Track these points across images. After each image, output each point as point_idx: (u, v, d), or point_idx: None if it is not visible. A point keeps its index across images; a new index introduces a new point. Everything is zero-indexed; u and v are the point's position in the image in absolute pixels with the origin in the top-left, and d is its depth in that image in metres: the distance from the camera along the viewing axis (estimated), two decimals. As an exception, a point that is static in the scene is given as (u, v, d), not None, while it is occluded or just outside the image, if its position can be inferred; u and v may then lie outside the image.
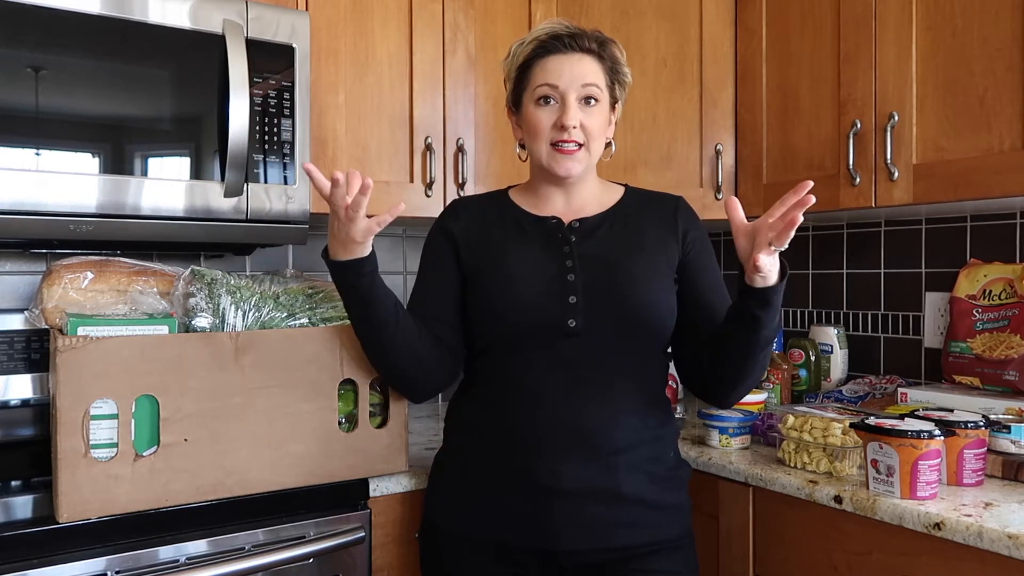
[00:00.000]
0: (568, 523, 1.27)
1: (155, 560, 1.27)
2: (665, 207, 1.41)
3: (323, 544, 1.38)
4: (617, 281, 1.31)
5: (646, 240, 1.36)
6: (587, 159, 1.35)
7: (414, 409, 2.16)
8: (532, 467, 1.27)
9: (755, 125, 1.97)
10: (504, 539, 1.30)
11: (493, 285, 1.34)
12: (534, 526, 1.28)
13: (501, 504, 1.30)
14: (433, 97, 1.89)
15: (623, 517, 1.28)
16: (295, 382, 1.39)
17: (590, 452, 1.27)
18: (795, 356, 2.09)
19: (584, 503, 1.27)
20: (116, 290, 1.37)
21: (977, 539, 1.17)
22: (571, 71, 1.32)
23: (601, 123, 1.35)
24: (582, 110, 1.32)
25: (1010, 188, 1.48)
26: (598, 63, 1.34)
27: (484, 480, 1.32)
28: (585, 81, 1.32)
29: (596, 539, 1.27)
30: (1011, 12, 1.49)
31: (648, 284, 1.31)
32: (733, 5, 2.01)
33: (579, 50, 1.33)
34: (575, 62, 1.32)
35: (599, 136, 1.35)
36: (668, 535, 1.31)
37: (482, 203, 1.46)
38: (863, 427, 1.34)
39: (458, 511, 1.35)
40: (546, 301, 1.30)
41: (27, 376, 1.64)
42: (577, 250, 1.34)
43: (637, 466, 1.29)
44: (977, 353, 1.72)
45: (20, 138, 1.36)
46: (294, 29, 1.59)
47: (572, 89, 1.31)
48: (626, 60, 1.39)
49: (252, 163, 1.55)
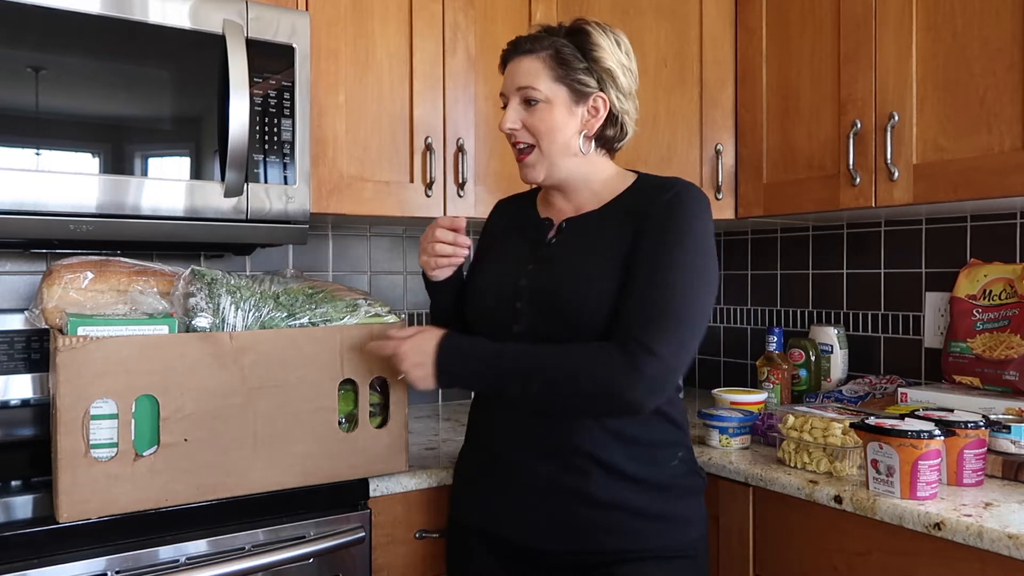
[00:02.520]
0: (542, 522, 1.28)
1: (155, 560, 1.27)
2: (653, 194, 1.28)
3: (323, 544, 1.38)
4: (560, 286, 1.27)
5: (611, 238, 1.28)
6: (542, 159, 1.32)
7: (414, 409, 2.16)
8: (508, 465, 1.31)
9: (755, 125, 1.97)
10: (501, 534, 1.33)
11: (469, 284, 1.45)
12: (517, 523, 1.30)
13: (493, 501, 1.34)
14: (433, 97, 1.89)
15: (600, 521, 1.25)
16: (295, 382, 1.39)
17: (556, 454, 1.27)
18: (795, 356, 2.09)
19: (557, 503, 1.27)
20: (116, 290, 1.37)
21: (977, 539, 1.17)
22: (511, 76, 1.33)
23: (548, 119, 1.29)
24: (525, 111, 1.32)
25: (1010, 188, 1.48)
26: (539, 62, 1.30)
27: (479, 476, 1.37)
28: (518, 84, 1.31)
29: (571, 541, 1.27)
30: (1011, 12, 1.49)
31: (590, 288, 1.24)
32: (733, 5, 2.01)
33: (519, 53, 1.32)
34: (515, 65, 1.33)
35: (549, 132, 1.30)
36: (659, 544, 1.27)
37: (513, 203, 1.51)
38: (863, 427, 1.34)
39: (465, 505, 1.41)
40: (498, 306, 1.34)
41: (27, 376, 1.64)
42: (546, 253, 1.33)
43: (616, 471, 1.26)
44: (977, 353, 1.72)
45: (20, 138, 1.36)
46: (294, 29, 1.59)
47: (511, 94, 1.33)
48: (610, 43, 1.31)
49: (252, 163, 1.55)
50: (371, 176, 1.82)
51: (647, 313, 1.20)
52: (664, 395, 1.22)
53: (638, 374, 1.17)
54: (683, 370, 1.24)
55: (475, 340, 1.32)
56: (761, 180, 1.95)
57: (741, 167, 2.01)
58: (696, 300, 1.22)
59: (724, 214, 2.01)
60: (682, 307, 1.20)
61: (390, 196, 1.83)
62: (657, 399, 1.21)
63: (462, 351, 1.30)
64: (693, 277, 1.22)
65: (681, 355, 1.21)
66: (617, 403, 1.19)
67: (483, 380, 1.29)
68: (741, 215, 2.01)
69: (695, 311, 1.22)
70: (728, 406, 1.81)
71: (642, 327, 1.19)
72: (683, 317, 1.20)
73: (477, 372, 1.28)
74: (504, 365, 1.24)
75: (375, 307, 1.50)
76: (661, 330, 1.18)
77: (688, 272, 1.22)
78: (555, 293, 1.27)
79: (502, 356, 1.25)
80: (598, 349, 1.21)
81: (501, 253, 1.43)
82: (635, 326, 1.19)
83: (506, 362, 1.24)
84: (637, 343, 1.18)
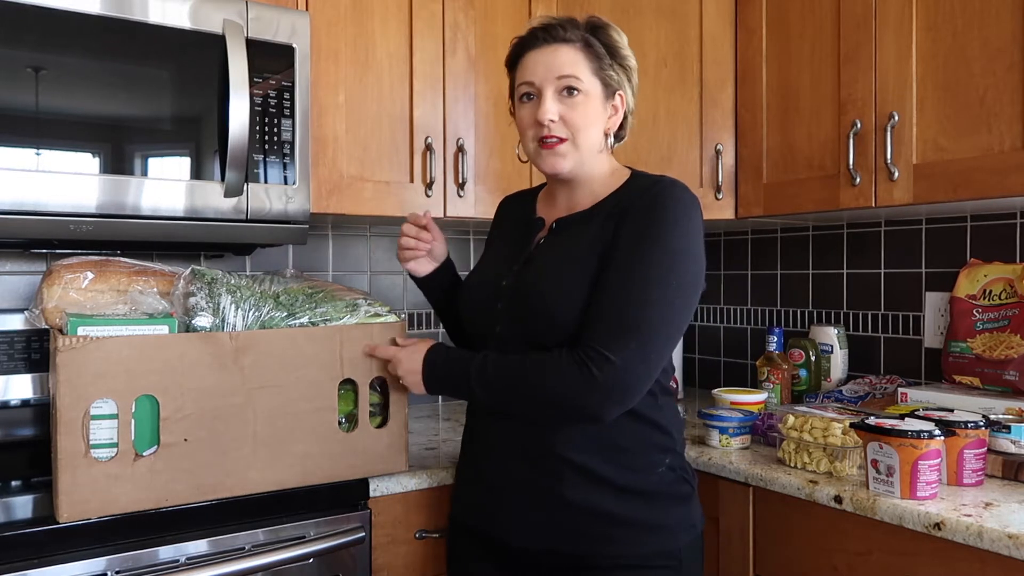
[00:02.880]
0: (520, 519, 1.28)
1: (155, 560, 1.27)
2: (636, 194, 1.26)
3: (323, 544, 1.38)
4: (536, 288, 1.25)
5: (592, 237, 1.25)
6: (575, 153, 1.28)
7: (414, 409, 2.16)
8: (488, 466, 1.33)
9: (755, 125, 1.97)
10: (491, 533, 1.33)
11: (462, 287, 1.46)
12: (499, 523, 1.31)
13: (480, 500, 1.35)
14: (433, 97, 1.89)
15: (573, 523, 1.24)
16: (295, 382, 1.39)
17: (530, 456, 1.27)
18: (795, 356, 2.09)
19: (533, 502, 1.27)
20: (116, 290, 1.37)
21: (977, 539, 1.17)
22: (546, 64, 1.27)
23: (586, 113, 1.28)
24: (562, 103, 1.27)
25: (1010, 188, 1.48)
26: (578, 52, 1.27)
27: (470, 475, 1.40)
28: (560, 73, 1.26)
29: (548, 540, 1.26)
30: (1011, 12, 1.49)
31: (565, 290, 1.22)
32: (733, 5, 2.01)
33: (555, 41, 1.27)
34: (550, 54, 1.27)
35: (586, 127, 1.28)
36: (639, 552, 1.23)
37: (517, 200, 1.51)
38: (863, 427, 1.34)
39: (459, 502, 1.42)
40: (483, 306, 1.35)
41: (27, 376, 1.64)
42: (532, 254, 1.34)
43: (591, 475, 1.23)
44: (977, 353, 1.72)
45: (20, 138, 1.36)
46: (294, 29, 1.59)
47: (548, 82, 1.27)
48: (626, 42, 1.32)
49: (252, 163, 1.55)
50: (371, 176, 1.82)
51: (609, 318, 1.17)
52: (627, 403, 1.19)
53: (594, 381, 1.15)
54: (648, 377, 1.19)
55: (457, 351, 1.34)
56: (761, 180, 1.95)
57: (741, 167, 2.01)
58: (665, 304, 1.17)
59: (724, 214, 2.01)
60: (647, 311, 1.16)
61: (390, 196, 1.83)
62: (617, 406, 1.18)
63: (440, 361, 1.34)
64: (666, 280, 1.17)
65: (643, 362, 1.16)
66: (573, 411, 1.19)
67: (458, 390, 1.32)
68: (741, 215, 2.01)
69: (662, 315, 1.17)
70: (728, 406, 1.81)
71: (601, 333, 1.17)
72: (647, 322, 1.16)
73: (452, 383, 1.32)
74: (472, 375, 1.26)
75: (375, 307, 1.50)
76: (620, 336, 1.15)
77: (661, 273, 1.17)
78: (530, 295, 1.26)
79: (470, 366, 1.27)
80: (556, 357, 1.19)
81: (494, 253, 1.44)
82: (595, 332, 1.17)
83: (474, 372, 1.26)
84: (593, 350, 1.16)
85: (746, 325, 2.43)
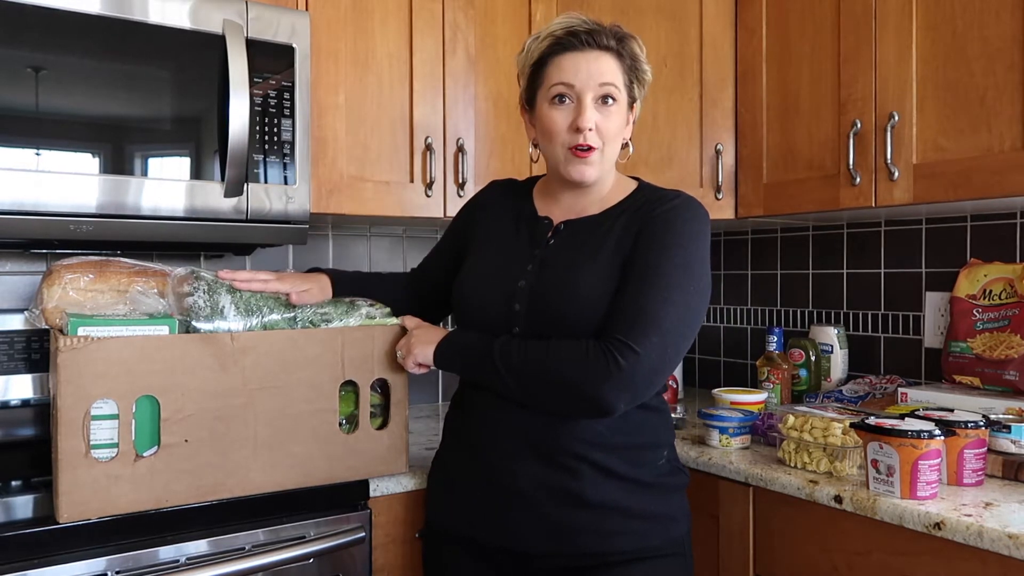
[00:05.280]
0: (528, 524, 1.26)
1: (155, 560, 1.27)
2: (654, 205, 1.30)
3: (323, 544, 1.38)
4: (559, 292, 1.26)
5: (610, 245, 1.28)
6: (601, 163, 1.29)
7: (414, 409, 2.16)
8: (492, 465, 1.30)
9: (755, 125, 1.97)
10: (477, 537, 1.31)
11: (465, 278, 1.40)
12: (498, 525, 1.29)
13: (471, 502, 1.33)
14: (433, 97, 1.89)
15: (590, 523, 1.24)
16: (296, 383, 1.39)
17: (544, 454, 1.26)
18: (795, 356, 2.09)
19: (543, 505, 1.25)
20: (116, 290, 1.37)
21: (977, 539, 1.17)
22: (588, 69, 1.26)
23: (618, 124, 1.29)
24: (599, 111, 1.27)
25: (1010, 188, 1.48)
26: (616, 61, 1.28)
27: (458, 478, 1.36)
28: (602, 80, 1.26)
29: (560, 543, 1.25)
30: (1011, 12, 1.49)
31: (590, 295, 1.24)
32: (733, 5, 2.01)
33: (597, 47, 1.27)
34: (592, 60, 1.26)
35: (615, 138, 1.30)
36: (650, 544, 1.26)
37: (510, 188, 1.48)
38: (863, 427, 1.34)
39: (441, 508, 1.39)
40: (496, 305, 1.32)
41: (27, 376, 1.64)
42: (545, 255, 1.32)
43: (607, 471, 1.25)
44: (977, 353, 1.72)
45: (20, 138, 1.36)
46: (294, 29, 1.59)
47: (588, 88, 1.26)
48: (646, 56, 1.33)
49: (252, 163, 1.55)
50: (371, 176, 1.82)
51: (633, 313, 1.20)
52: (643, 395, 1.22)
53: (618, 370, 1.17)
54: (665, 372, 1.23)
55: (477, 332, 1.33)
56: (761, 180, 1.95)
57: (741, 167, 2.01)
58: (684, 305, 1.22)
59: (724, 214, 2.01)
60: (668, 309, 1.20)
61: (390, 196, 1.83)
62: (632, 398, 1.20)
63: (459, 337, 1.34)
64: (685, 284, 1.22)
65: (662, 356, 1.19)
66: (587, 399, 1.19)
67: (476, 364, 1.29)
68: (741, 215, 2.01)
69: (680, 315, 1.21)
70: (728, 406, 1.81)
71: (625, 326, 1.19)
72: (668, 319, 1.20)
73: (472, 354, 1.29)
74: (496, 349, 1.25)
75: (375, 307, 1.50)
76: (644, 329, 1.18)
77: (680, 279, 1.22)
78: (552, 297, 1.27)
79: (494, 340, 1.27)
80: (582, 344, 1.21)
81: (498, 249, 1.39)
82: (618, 324, 1.20)
83: (497, 346, 1.25)
84: (618, 340, 1.18)
85: (746, 325, 2.43)
